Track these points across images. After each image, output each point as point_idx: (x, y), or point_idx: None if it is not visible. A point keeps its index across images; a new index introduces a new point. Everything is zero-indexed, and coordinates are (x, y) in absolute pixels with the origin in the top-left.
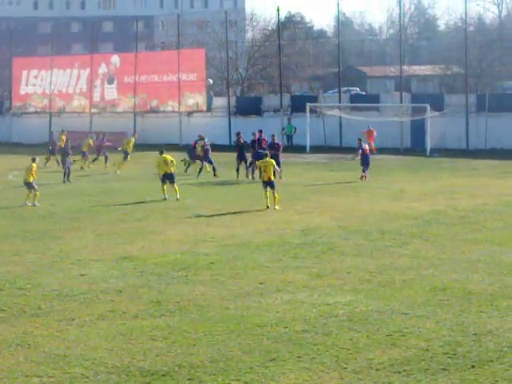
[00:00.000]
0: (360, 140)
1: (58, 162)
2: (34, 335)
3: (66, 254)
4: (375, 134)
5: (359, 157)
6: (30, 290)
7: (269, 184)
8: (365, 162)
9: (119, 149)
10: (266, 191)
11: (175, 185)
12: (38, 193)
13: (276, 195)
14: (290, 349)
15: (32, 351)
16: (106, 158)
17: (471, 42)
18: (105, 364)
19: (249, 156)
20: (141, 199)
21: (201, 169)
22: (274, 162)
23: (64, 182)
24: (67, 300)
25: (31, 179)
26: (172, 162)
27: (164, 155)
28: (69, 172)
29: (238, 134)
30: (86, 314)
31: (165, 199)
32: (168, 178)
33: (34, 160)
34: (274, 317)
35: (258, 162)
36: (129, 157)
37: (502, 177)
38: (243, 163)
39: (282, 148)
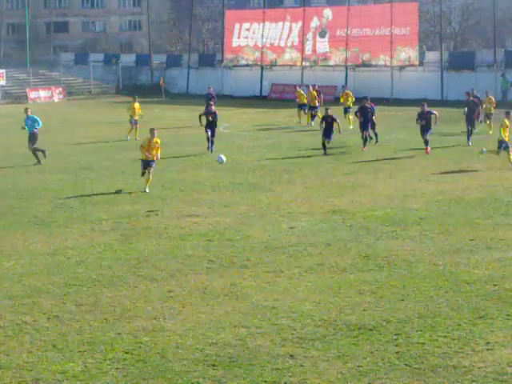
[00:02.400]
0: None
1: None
2: (243, 286)
3: (275, 206)
4: None
5: None
6: (239, 242)
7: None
8: None
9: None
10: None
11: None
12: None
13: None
14: (499, 307)
15: (240, 302)
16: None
17: None
18: (312, 317)
19: None
20: (348, 153)
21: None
22: None
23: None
24: (276, 252)
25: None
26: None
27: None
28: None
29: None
30: (294, 267)
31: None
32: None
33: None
34: (483, 274)
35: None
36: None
37: None
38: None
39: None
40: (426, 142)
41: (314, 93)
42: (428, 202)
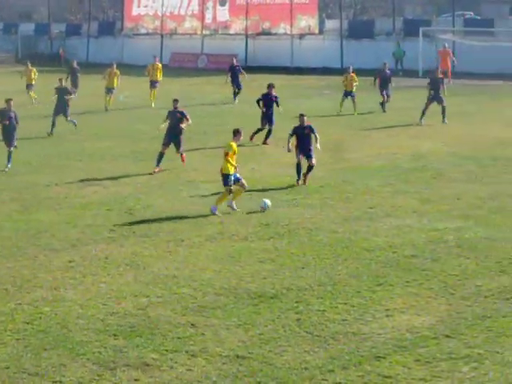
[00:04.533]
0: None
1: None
2: (143, 255)
3: (175, 175)
4: (452, 56)
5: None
6: (140, 211)
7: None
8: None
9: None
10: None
11: None
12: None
13: None
14: (398, 274)
15: (141, 271)
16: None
17: None
18: (213, 285)
19: None
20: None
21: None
22: None
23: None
24: (176, 221)
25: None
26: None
27: None
28: None
29: None
30: (194, 236)
31: None
32: None
33: None
34: (382, 241)
35: None
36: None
37: None
38: None
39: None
40: (309, 169)
41: (159, 65)
42: (328, 170)
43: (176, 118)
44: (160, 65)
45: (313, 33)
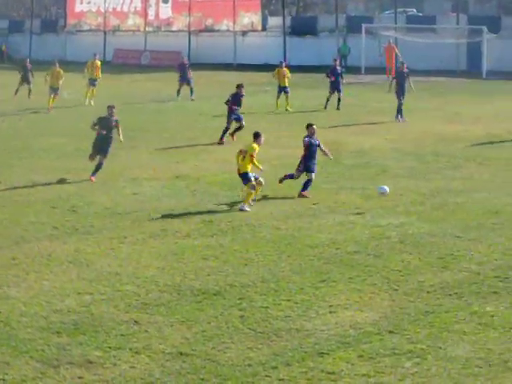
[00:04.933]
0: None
1: None
2: (86, 253)
3: (119, 172)
4: (397, 52)
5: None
6: (83, 208)
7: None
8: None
9: None
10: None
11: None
12: None
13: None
14: (341, 270)
15: (84, 269)
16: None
17: None
18: (156, 282)
19: None
20: (191, 119)
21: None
22: None
23: None
24: (119, 218)
25: None
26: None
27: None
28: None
29: None
30: (138, 233)
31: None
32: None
33: None
34: (325, 238)
35: None
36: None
37: None
38: None
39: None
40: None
41: (98, 63)
42: (271, 166)
43: (111, 127)
44: (99, 62)
45: (256, 29)
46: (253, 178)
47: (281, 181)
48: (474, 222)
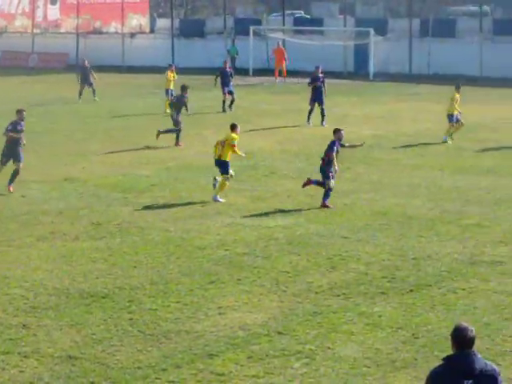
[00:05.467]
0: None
1: None
2: None
3: (4, 175)
4: (286, 54)
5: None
6: None
7: None
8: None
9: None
10: None
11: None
12: None
13: None
14: (230, 271)
15: None
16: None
17: None
18: (45, 285)
19: None
20: (81, 121)
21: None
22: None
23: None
24: (7, 221)
25: None
26: None
27: None
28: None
29: None
30: (26, 236)
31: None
32: None
33: None
34: (214, 239)
35: None
36: None
37: (444, 102)
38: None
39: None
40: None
41: None
42: (160, 169)
43: (21, 130)
44: None
45: (144, 32)
46: (231, 171)
47: (304, 185)
48: (361, 222)
